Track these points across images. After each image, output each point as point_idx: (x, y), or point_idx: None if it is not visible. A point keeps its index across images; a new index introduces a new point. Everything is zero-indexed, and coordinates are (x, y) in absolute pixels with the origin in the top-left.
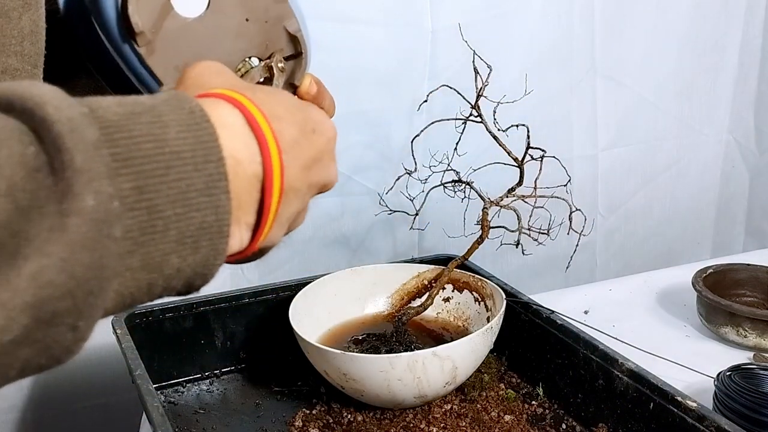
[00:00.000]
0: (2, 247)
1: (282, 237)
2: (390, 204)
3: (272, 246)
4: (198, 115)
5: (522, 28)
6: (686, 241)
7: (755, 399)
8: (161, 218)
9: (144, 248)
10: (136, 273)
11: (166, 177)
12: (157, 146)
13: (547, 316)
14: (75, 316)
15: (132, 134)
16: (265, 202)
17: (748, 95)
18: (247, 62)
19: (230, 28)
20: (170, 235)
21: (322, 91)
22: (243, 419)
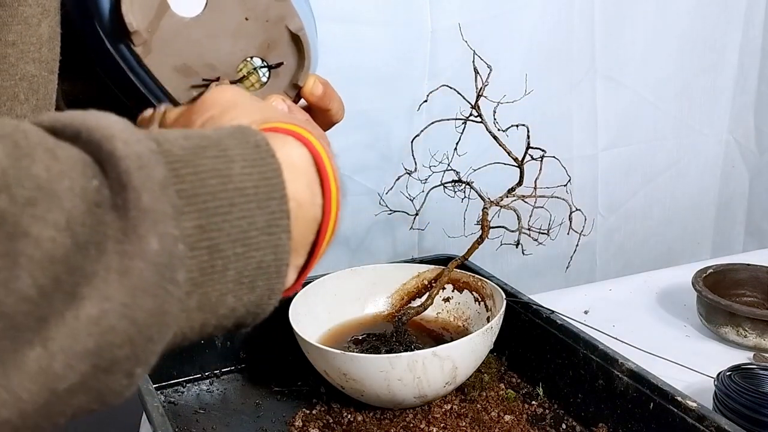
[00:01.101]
0: (59, 283)
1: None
2: (390, 204)
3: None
4: (264, 149)
5: (522, 28)
6: (686, 241)
7: (755, 399)
8: (221, 258)
9: (202, 288)
10: (192, 314)
11: (229, 215)
12: (221, 182)
13: (547, 316)
14: (133, 363)
15: (197, 170)
16: (318, 244)
17: (748, 95)
18: (248, 62)
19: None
20: (229, 275)
21: (329, 92)
22: (243, 419)
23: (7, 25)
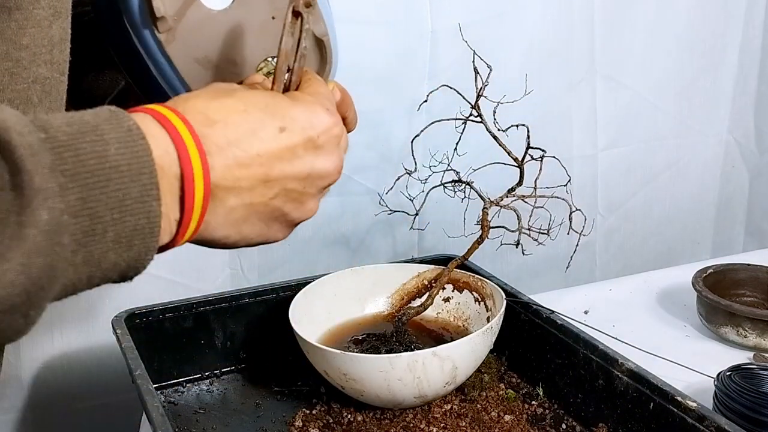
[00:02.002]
0: None
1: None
2: (390, 204)
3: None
4: (135, 132)
5: (522, 27)
6: (686, 241)
7: (755, 399)
8: (101, 223)
9: (86, 248)
10: (78, 268)
11: (106, 188)
12: (99, 162)
13: (547, 316)
14: (28, 307)
15: (78, 153)
16: (186, 201)
17: (748, 95)
18: (269, 62)
19: (255, 25)
20: (108, 236)
21: (346, 101)
22: (243, 419)
23: (22, 28)
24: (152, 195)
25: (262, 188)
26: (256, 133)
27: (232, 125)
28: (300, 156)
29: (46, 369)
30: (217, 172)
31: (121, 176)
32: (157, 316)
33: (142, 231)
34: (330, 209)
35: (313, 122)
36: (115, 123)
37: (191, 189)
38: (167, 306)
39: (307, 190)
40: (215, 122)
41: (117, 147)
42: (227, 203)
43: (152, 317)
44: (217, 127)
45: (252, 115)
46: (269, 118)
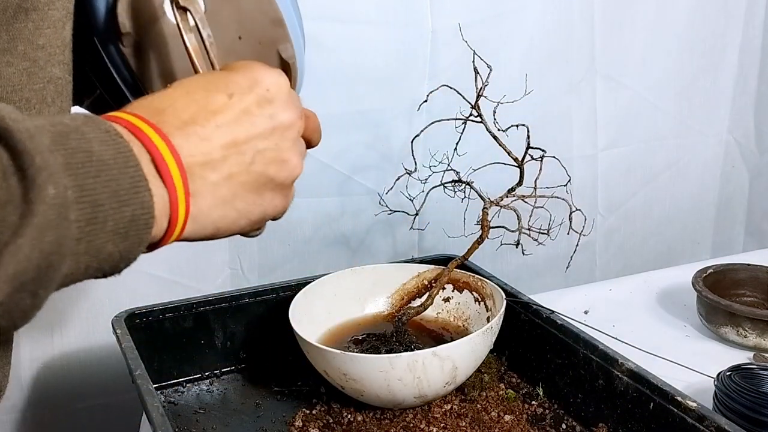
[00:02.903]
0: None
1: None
2: (390, 204)
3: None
4: (112, 133)
5: (522, 27)
6: (686, 241)
7: (755, 399)
8: (102, 211)
9: (88, 237)
10: (80, 257)
11: (99, 179)
12: (87, 156)
13: (547, 316)
14: (37, 285)
15: (66, 147)
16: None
17: (748, 95)
18: None
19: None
20: (108, 226)
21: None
22: (243, 419)
23: (39, 28)
24: (142, 186)
25: (235, 156)
26: (207, 107)
27: (181, 107)
28: (257, 114)
29: (46, 369)
30: (183, 149)
31: (110, 169)
32: (157, 316)
33: (137, 221)
34: (330, 209)
35: (256, 79)
36: (93, 125)
37: (165, 168)
38: (167, 306)
39: (281, 145)
40: (164, 110)
41: (99, 144)
42: (208, 179)
43: (152, 317)
44: (167, 113)
45: (197, 94)
46: (214, 91)
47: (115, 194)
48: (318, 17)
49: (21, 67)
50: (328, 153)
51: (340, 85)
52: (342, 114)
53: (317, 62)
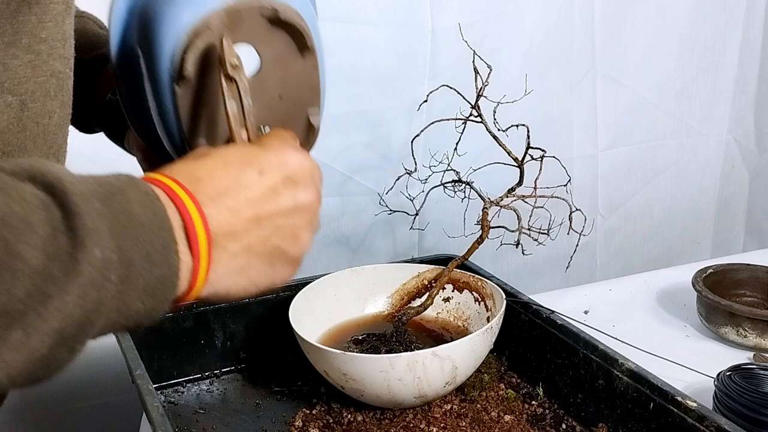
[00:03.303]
0: (37, 288)
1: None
2: (390, 204)
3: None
4: (152, 196)
5: (522, 28)
6: (686, 241)
7: (755, 399)
8: (135, 271)
9: (122, 295)
10: (112, 313)
11: (136, 240)
12: (127, 217)
13: (547, 316)
14: (76, 340)
15: (111, 208)
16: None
17: (748, 95)
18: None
19: (263, 99)
20: (139, 285)
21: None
22: (243, 419)
23: (41, 22)
24: (172, 248)
25: (256, 229)
26: (239, 181)
27: (217, 178)
28: (282, 193)
29: None
30: (213, 219)
31: (146, 231)
32: None
33: (164, 281)
34: (330, 209)
35: (285, 161)
36: (135, 187)
37: (194, 236)
38: None
39: (297, 223)
40: (201, 179)
41: (139, 206)
42: (229, 249)
43: None
44: (204, 183)
45: (232, 167)
46: (247, 166)
47: (148, 255)
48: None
49: (26, 59)
50: (328, 153)
51: (340, 85)
52: (342, 114)
53: None
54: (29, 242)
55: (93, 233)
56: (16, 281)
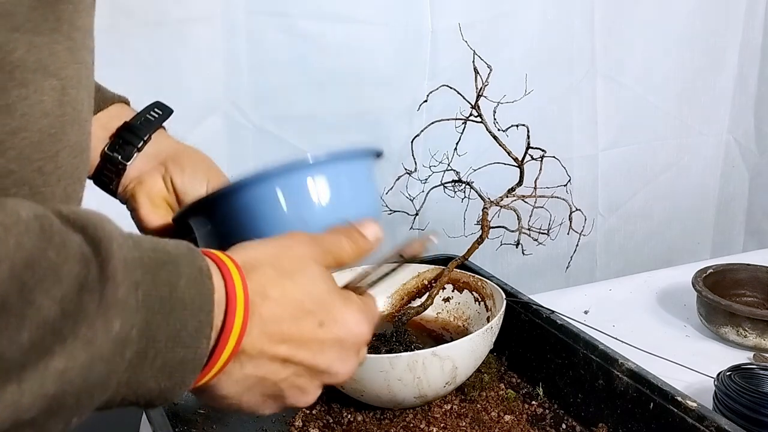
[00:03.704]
0: (44, 340)
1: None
2: (390, 204)
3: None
4: (205, 273)
5: (522, 28)
6: (686, 241)
7: (755, 399)
8: (155, 348)
9: (134, 370)
10: (120, 388)
11: (169, 317)
12: (169, 291)
13: (547, 316)
14: (73, 413)
15: (155, 279)
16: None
17: (748, 95)
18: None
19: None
20: (156, 363)
21: None
22: (243, 419)
23: (77, 11)
24: (205, 333)
25: (278, 367)
26: (298, 321)
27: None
28: (324, 352)
29: None
30: (248, 337)
31: (184, 309)
32: None
33: (185, 365)
34: None
35: (350, 328)
36: (190, 260)
37: (224, 343)
38: None
39: (314, 382)
40: (269, 298)
41: (186, 281)
42: (245, 369)
43: None
44: (268, 303)
45: (303, 305)
46: (317, 311)
47: (176, 333)
48: (318, 17)
49: (65, 45)
50: None
51: (341, 85)
52: (342, 114)
53: (317, 62)
54: (49, 292)
55: (119, 304)
56: (22, 329)
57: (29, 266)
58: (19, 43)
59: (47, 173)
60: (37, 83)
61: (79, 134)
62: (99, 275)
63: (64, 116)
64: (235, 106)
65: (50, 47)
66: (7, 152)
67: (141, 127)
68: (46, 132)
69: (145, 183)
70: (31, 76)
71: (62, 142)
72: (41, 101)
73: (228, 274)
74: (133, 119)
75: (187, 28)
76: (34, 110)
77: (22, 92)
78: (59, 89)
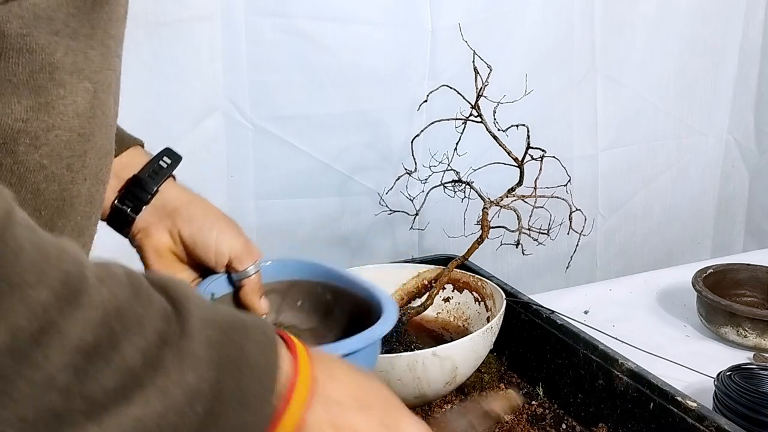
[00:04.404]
0: (123, 387)
1: None
2: (390, 204)
3: None
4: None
5: (522, 28)
6: (686, 241)
7: (755, 399)
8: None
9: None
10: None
11: (237, 376)
12: (239, 353)
13: (547, 316)
14: None
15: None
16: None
17: (748, 95)
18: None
19: None
20: (227, 424)
21: None
22: None
23: (111, 20)
24: (269, 399)
25: None
26: (362, 411)
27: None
28: None
29: None
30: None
31: (252, 371)
32: None
33: (248, 427)
34: (330, 209)
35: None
36: (261, 329)
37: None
38: None
39: None
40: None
41: (255, 346)
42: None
43: None
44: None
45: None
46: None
47: (243, 396)
48: (318, 17)
49: (99, 51)
50: (328, 153)
51: (340, 85)
52: (342, 114)
53: (317, 62)
54: (133, 342)
55: (194, 358)
56: (107, 372)
57: (119, 316)
58: (58, 46)
59: (75, 171)
60: (73, 85)
61: (105, 137)
62: (179, 331)
63: (94, 118)
64: (234, 106)
65: (85, 52)
66: (41, 147)
67: (150, 179)
68: (77, 131)
69: (152, 236)
70: (68, 77)
71: (90, 142)
72: (75, 102)
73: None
74: (142, 170)
75: (187, 28)
76: (68, 110)
77: (60, 92)
78: (92, 92)
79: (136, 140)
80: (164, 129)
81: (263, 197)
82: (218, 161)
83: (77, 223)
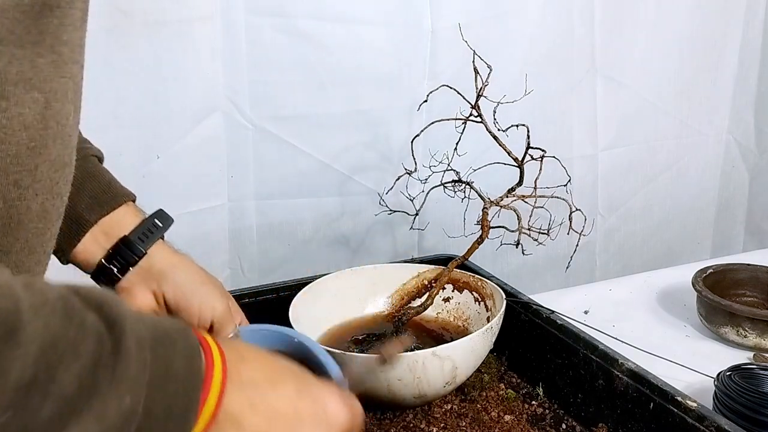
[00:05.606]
0: (59, 416)
1: None
2: (390, 204)
3: None
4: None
5: (522, 28)
6: (686, 241)
7: (755, 399)
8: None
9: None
10: None
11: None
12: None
13: (547, 316)
14: None
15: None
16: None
17: (748, 95)
18: None
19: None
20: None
21: None
22: None
23: (63, 25)
24: (194, 409)
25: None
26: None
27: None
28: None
29: None
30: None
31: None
32: None
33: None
34: (330, 209)
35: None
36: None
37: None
38: None
39: None
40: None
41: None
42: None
43: None
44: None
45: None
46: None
47: (169, 409)
48: (318, 17)
49: (49, 59)
50: (328, 153)
51: (340, 85)
52: (342, 114)
53: (317, 62)
54: (69, 368)
55: (131, 381)
56: (45, 404)
57: (53, 346)
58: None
59: (24, 187)
60: (18, 96)
61: (61, 148)
62: (113, 352)
63: (46, 130)
64: (234, 105)
65: (32, 60)
66: None
67: (139, 241)
68: (25, 145)
69: (135, 297)
70: (12, 88)
71: (42, 155)
72: (21, 114)
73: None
74: (133, 231)
75: (187, 28)
76: (13, 122)
77: (2, 104)
78: (42, 102)
79: (129, 195)
80: (164, 128)
81: (263, 197)
82: (218, 161)
83: (27, 241)
